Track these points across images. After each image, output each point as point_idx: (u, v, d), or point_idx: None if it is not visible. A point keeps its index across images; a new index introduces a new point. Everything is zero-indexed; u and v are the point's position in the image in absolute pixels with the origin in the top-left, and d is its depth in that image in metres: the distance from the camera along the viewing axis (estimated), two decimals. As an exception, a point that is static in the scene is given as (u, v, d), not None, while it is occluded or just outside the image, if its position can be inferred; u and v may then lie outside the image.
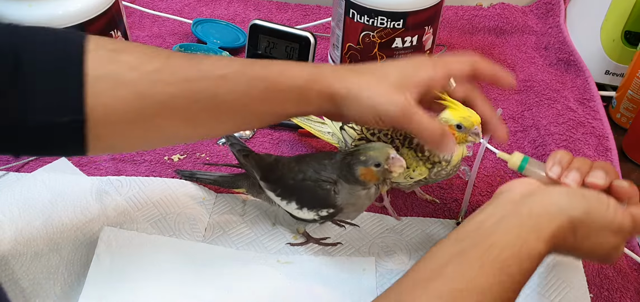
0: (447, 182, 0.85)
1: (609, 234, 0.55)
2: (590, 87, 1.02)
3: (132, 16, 1.19)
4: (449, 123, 0.68)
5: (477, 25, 1.21)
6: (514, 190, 0.58)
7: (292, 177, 0.70)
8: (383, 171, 0.65)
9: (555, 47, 1.12)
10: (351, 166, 0.66)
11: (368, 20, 0.89)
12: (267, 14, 1.22)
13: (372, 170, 0.65)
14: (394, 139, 0.73)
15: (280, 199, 0.72)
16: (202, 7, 1.23)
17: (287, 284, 0.71)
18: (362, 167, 0.65)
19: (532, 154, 0.91)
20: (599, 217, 0.55)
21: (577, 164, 0.60)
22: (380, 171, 0.65)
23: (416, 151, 0.71)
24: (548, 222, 0.53)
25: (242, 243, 0.76)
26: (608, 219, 0.55)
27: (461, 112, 0.67)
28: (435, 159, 0.71)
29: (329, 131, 0.83)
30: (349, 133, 0.78)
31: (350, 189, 0.67)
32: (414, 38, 0.91)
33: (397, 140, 0.73)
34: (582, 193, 0.56)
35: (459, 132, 0.68)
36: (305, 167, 0.70)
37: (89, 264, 0.70)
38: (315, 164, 0.70)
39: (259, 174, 0.74)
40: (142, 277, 0.70)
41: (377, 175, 0.65)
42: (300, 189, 0.70)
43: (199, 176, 0.82)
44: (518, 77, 1.08)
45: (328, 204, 0.68)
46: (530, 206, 0.54)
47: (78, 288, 0.68)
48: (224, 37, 1.11)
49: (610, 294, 0.72)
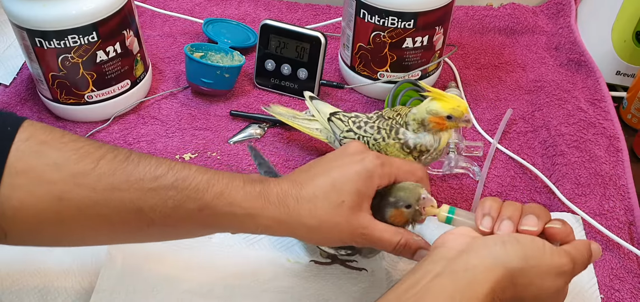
0: (457, 183, 0.86)
1: (550, 278, 0.54)
2: (601, 88, 1.01)
3: (143, 16, 1.20)
4: (439, 115, 0.69)
5: (488, 26, 1.21)
6: (447, 244, 0.56)
7: None
8: (413, 212, 0.62)
9: (566, 48, 1.12)
10: (381, 208, 0.62)
11: (379, 20, 0.89)
12: (277, 13, 1.23)
13: (402, 211, 0.61)
14: (380, 130, 0.74)
15: None
16: (213, 6, 1.24)
17: (296, 284, 0.71)
18: (392, 209, 0.62)
19: (543, 154, 0.91)
20: (537, 262, 0.53)
21: (508, 211, 0.58)
22: (410, 212, 0.61)
23: (403, 147, 0.73)
24: (485, 276, 0.51)
25: (251, 241, 0.76)
26: (546, 263, 0.53)
27: (450, 103, 0.68)
28: (422, 149, 0.72)
29: (318, 128, 0.83)
30: (337, 124, 0.78)
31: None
32: (424, 38, 0.91)
33: (383, 131, 0.74)
34: (517, 239, 0.54)
35: (450, 121, 0.69)
36: None
37: (100, 264, 0.70)
38: None
39: None
40: (153, 278, 0.70)
41: (407, 217, 0.62)
42: None
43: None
44: (528, 77, 1.08)
45: (349, 246, 0.65)
46: (465, 260, 0.53)
47: (90, 287, 0.69)
48: (235, 37, 1.11)
49: (621, 296, 0.72)
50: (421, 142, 0.72)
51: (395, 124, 0.73)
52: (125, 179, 0.54)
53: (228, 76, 0.96)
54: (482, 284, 0.51)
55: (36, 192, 0.52)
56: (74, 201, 0.53)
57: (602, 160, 0.88)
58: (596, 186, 0.84)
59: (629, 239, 0.78)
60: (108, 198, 0.54)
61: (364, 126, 0.75)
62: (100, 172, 0.54)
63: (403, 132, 0.72)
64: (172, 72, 1.06)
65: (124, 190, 0.54)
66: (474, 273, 0.52)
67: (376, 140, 0.74)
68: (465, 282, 0.51)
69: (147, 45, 1.10)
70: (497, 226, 0.57)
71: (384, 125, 0.74)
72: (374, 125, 0.75)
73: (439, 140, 0.72)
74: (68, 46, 0.82)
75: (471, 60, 1.12)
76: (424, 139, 0.72)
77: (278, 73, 1.00)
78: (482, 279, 0.51)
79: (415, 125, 0.72)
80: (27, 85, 1.00)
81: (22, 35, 0.83)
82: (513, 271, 0.52)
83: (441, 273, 0.52)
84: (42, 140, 0.54)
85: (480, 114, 0.99)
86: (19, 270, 0.70)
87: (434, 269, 0.53)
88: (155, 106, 0.98)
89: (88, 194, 0.53)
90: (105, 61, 0.87)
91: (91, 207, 0.54)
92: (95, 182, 0.54)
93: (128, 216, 0.55)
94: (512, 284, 0.52)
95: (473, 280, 0.51)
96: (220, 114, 0.97)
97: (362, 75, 0.98)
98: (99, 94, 0.90)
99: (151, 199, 0.55)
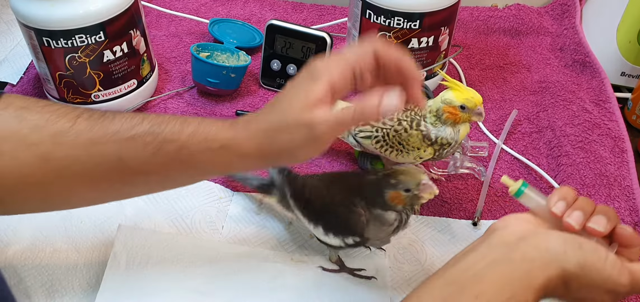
0: (462, 183, 0.86)
1: (602, 292, 0.52)
2: (606, 89, 1.02)
3: (150, 15, 1.20)
4: (452, 104, 0.70)
5: (493, 26, 1.21)
6: (509, 228, 0.55)
7: (321, 201, 0.69)
8: (412, 197, 0.63)
9: (571, 49, 1.12)
10: (381, 189, 0.64)
11: (384, 20, 0.90)
12: (282, 14, 1.23)
13: (401, 194, 0.63)
14: (401, 121, 0.75)
15: (307, 221, 0.70)
16: (218, 6, 1.24)
17: (300, 283, 0.71)
18: (391, 191, 0.63)
19: (548, 155, 0.91)
20: (594, 272, 0.51)
21: (581, 203, 0.56)
22: (409, 196, 0.63)
23: (425, 139, 0.74)
24: (540, 270, 0.51)
25: (257, 241, 0.77)
26: (603, 276, 0.51)
27: (464, 93, 0.70)
28: (443, 142, 0.73)
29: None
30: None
31: (378, 217, 0.65)
32: (430, 38, 0.91)
33: (404, 122, 0.74)
34: (580, 243, 0.52)
35: (463, 112, 0.70)
36: (334, 191, 0.68)
37: (106, 262, 0.71)
38: (343, 188, 0.67)
39: (289, 191, 0.72)
40: (158, 276, 0.70)
41: (405, 200, 0.63)
42: (328, 215, 0.68)
43: (249, 180, 0.80)
44: (533, 78, 1.08)
45: (356, 233, 0.66)
46: (524, 249, 0.52)
47: (96, 285, 0.69)
48: (241, 37, 1.12)
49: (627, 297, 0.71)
50: (442, 136, 0.73)
51: (415, 115, 0.74)
52: (103, 133, 0.56)
53: (234, 76, 0.97)
54: (538, 277, 0.50)
55: (20, 156, 0.54)
56: (56, 160, 0.55)
57: (607, 161, 0.88)
58: (601, 187, 0.84)
59: (634, 240, 0.78)
60: (89, 153, 0.56)
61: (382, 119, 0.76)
62: (78, 130, 0.55)
63: (424, 124, 0.74)
64: (178, 72, 1.06)
65: (103, 143, 0.56)
66: (531, 265, 0.51)
67: (397, 132, 0.75)
68: (521, 272, 0.50)
69: (154, 45, 1.11)
70: (568, 213, 0.55)
71: (404, 117, 0.75)
72: (394, 118, 0.75)
73: (458, 132, 0.73)
74: (75, 46, 0.83)
75: (476, 60, 1.12)
76: (444, 132, 0.73)
77: (284, 73, 1.00)
78: (538, 273, 0.50)
79: (432, 119, 0.73)
80: (34, 84, 1.00)
81: (29, 34, 0.83)
82: (568, 274, 0.51)
83: (499, 260, 0.52)
84: (20, 106, 0.56)
85: (485, 114, 0.99)
86: (26, 266, 0.70)
87: (491, 254, 0.52)
88: (162, 106, 0.99)
89: (69, 152, 0.55)
90: (112, 61, 0.88)
91: (73, 164, 0.56)
92: (75, 138, 0.55)
93: (110, 168, 0.56)
94: (563, 285, 0.52)
95: (529, 271, 0.50)
96: (226, 114, 0.97)
97: (367, 76, 0.98)
98: (106, 93, 0.90)
99: (130, 148, 0.56)
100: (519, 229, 0.55)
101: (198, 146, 0.57)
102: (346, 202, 0.66)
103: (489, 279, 0.50)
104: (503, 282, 0.50)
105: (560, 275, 0.51)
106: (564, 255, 0.51)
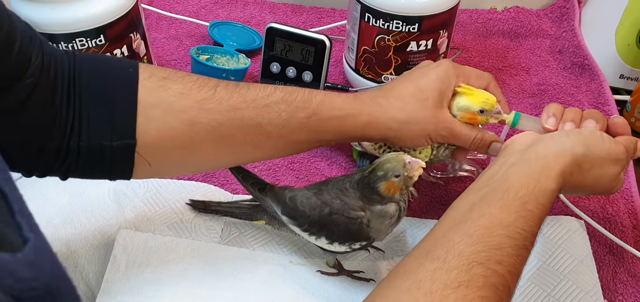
0: (462, 186, 0.86)
1: (609, 164, 0.63)
2: (605, 91, 1.02)
3: (149, 18, 1.20)
4: (470, 110, 0.69)
5: (492, 29, 1.21)
6: (519, 141, 0.64)
7: (318, 212, 0.67)
8: (404, 179, 0.64)
9: (570, 51, 1.12)
10: (372, 184, 0.64)
11: (383, 24, 0.90)
12: (282, 16, 1.23)
13: (393, 182, 0.63)
14: None
15: (308, 235, 0.68)
16: (218, 9, 1.25)
17: (299, 286, 0.71)
18: (383, 182, 0.63)
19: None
20: (598, 150, 0.62)
21: (570, 115, 0.67)
22: (401, 179, 0.63)
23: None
24: (555, 161, 0.59)
25: (256, 244, 0.77)
26: (605, 150, 0.62)
27: (480, 97, 0.68)
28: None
29: None
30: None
31: (378, 212, 0.65)
32: (428, 42, 0.92)
33: None
34: (579, 132, 0.63)
35: (482, 116, 0.69)
36: (329, 199, 0.67)
37: (106, 266, 0.71)
38: (337, 192, 0.67)
39: (279, 208, 0.70)
40: (158, 279, 0.71)
41: (399, 185, 0.64)
42: (330, 224, 0.66)
43: (214, 207, 0.78)
44: (532, 80, 1.08)
45: (361, 238, 0.66)
46: (535, 151, 0.60)
47: (96, 288, 0.69)
48: (240, 40, 1.12)
49: (625, 299, 0.72)
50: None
51: None
52: (242, 100, 0.62)
53: (234, 79, 0.97)
54: (554, 167, 0.59)
55: (169, 120, 0.59)
56: (202, 124, 0.60)
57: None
58: (600, 190, 0.84)
59: (633, 243, 0.78)
60: (231, 118, 0.61)
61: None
62: (219, 97, 0.61)
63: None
64: (177, 75, 1.06)
65: (243, 109, 0.62)
66: (545, 160, 0.59)
67: None
68: (539, 166, 0.58)
69: (154, 48, 1.11)
70: (560, 126, 0.66)
71: None
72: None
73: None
74: (76, 49, 0.83)
75: (475, 63, 1.12)
76: None
77: (283, 76, 1.00)
78: (553, 164, 0.59)
79: None
80: (34, 87, 1.00)
81: (30, 38, 0.83)
82: (578, 157, 0.60)
83: (516, 162, 0.60)
84: (163, 76, 0.61)
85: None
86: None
87: (509, 160, 0.61)
88: (161, 108, 0.99)
89: (214, 116, 0.61)
90: (112, 64, 0.87)
91: (217, 128, 0.61)
92: (217, 104, 0.61)
93: (249, 131, 0.62)
94: (578, 168, 0.61)
95: (545, 165, 0.59)
96: (225, 117, 0.97)
97: (366, 79, 0.99)
98: (106, 96, 0.90)
99: (267, 114, 0.62)
100: (526, 140, 0.64)
101: (326, 113, 0.64)
102: (345, 209, 0.65)
103: (513, 176, 0.58)
104: (526, 176, 0.57)
105: (572, 161, 0.60)
106: (570, 143, 0.61)
